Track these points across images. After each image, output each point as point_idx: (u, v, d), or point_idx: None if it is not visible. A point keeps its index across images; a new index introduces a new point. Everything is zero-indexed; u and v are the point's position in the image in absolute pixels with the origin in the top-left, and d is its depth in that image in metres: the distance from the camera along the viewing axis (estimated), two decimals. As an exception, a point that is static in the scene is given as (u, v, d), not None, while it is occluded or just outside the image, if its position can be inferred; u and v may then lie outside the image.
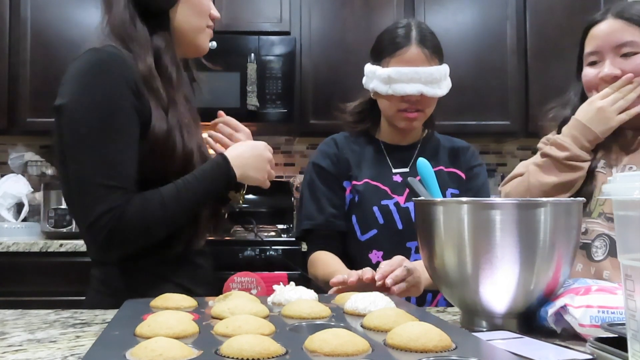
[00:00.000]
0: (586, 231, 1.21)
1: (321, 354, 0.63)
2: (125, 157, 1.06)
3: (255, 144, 1.23)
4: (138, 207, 1.07)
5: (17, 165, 3.18)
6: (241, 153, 1.19)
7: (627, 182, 0.56)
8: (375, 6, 3.17)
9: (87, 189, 1.05)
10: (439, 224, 0.90)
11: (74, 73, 1.08)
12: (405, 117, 1.42)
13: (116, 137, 1.06)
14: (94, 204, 1.04)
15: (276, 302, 0.93)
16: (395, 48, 1.39)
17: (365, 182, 1.47)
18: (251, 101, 2.99)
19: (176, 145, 1.12)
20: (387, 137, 1.53)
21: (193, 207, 1.13)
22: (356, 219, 1.46)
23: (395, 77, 1.36)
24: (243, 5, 3.12)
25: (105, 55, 1.08)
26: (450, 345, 0.67)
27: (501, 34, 3.19)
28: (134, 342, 0.66)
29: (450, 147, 1.55)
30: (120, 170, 1.06)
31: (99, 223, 1.04)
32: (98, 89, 1.06)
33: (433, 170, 1.14)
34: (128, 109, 1.07)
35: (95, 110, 1.05)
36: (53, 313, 1.05)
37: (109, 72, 1.06)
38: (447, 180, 1.48)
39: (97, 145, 1.05)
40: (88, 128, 1.05)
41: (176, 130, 1.12)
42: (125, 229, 1.05)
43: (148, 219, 1.08)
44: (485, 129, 3.20)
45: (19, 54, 3.02)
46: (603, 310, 0.80)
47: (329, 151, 1.53)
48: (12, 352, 0.77)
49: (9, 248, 2.66)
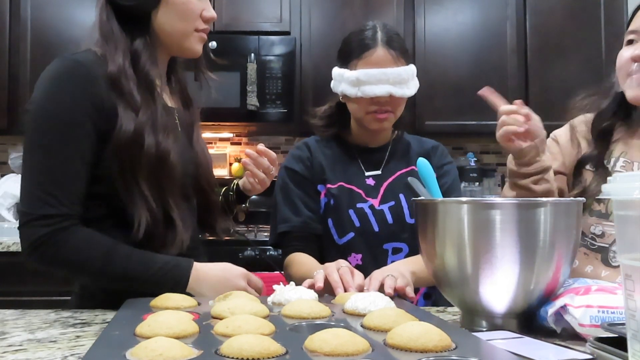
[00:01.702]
0: (603, 234, 1.17)
1: (321, 354, 0.63)
2: (70, 169, 1.05)
3: (229, 269, 1.14)
4: (79, 241, 1.05)
5: (17, 165, 3.18)
6: (208, 270, 1.12)
7: (627, 182, 0.56)
8: (375, 6, 3.17)
9: (29, 190, 1.05)
10: (439, 224, 0.91)
11: (41, 80, 1.10)
12: (375, 118, 1.41)
13: (66, 147, 1.05)
14: (31, 206, 1.04)
15: (276, 302, 0.93)
16: (362, 50, 1.38)
17: (339, 186, 1.47)
18: (251, 101, 2.99)
19: (144, 144, 1.08)
20: (358, 139, 1.53)
21: (127, 279, 1.06)
22: (332, 223, 1.45)
23: (364, 79, 1.35)
24: (243, 5, 3.11)
25: (70, 64, 1.09)
26: (450, 345, 0.67)
27: (501, 34, 3.19)
28: (134, 342, 0.66)
29: (421, 148, 1.54)
30: (62, 181, 1.05)
31: (31, 227, 1.04)
32: (57, 100, 1.06)
33: (433, 170, 1.14)
34: (82, 121, 1.06)
35: (49, 119, 1.06)
36: (53, 313, 1.05)
37: (71, 83, 1.07)
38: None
39: (44, 151, 1.05)
40: (41, 134, 1.06)
41: (147, 129, 1.09)
42: (54, 248, 1.04)
43: (81, 257, 1.05)
44: (485, 129, 3.19)
45: (19, 54, 3.02)
46: (603, 310, 0.80)
47: (302, 155, 1.52)
48: (12, 352, 0.77)
49: (9, 248, 2.66)
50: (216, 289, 1.07)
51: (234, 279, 1.12)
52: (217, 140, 3.47)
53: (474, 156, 3.36)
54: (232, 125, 3.22)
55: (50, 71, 1.10)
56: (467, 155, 3.36)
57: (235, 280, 1.12)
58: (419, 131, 3.17)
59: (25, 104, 1.11)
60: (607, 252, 1.17)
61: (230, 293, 0.93)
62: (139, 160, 1.08)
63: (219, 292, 0.99)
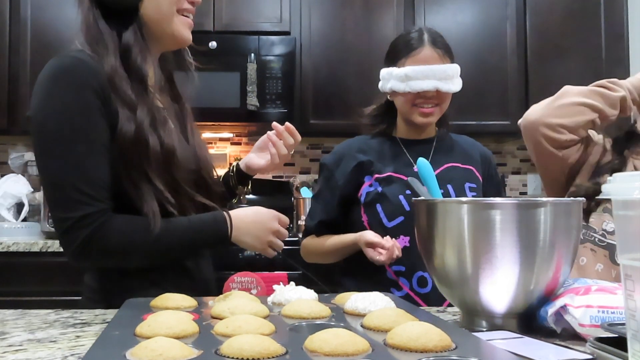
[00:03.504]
0: (614, 231, 1.18)
1: (321, 354, 0.63)
2: (94, 164, 1.05)
3: (261, 212, 1.20)
4: (121, 227, 1.06)
5: (17, 165, 3.18)
6: (244, 217, 1.17)
7: (627, 182, 0.56)
8: (375, 6, 3.17)
9: (60, 196, 1.04)
10: (439, 224, 0.91)
11: (39, 82, 1.08)
12: (421, 112, 1.52)
13: (83, 144, 1.04)
14: (67, 210, 1.03)
15: (276, 302, 0.93)
16: (410, 49, 1.51)
17: (388, 175, 1.56)
18: (251, 101, 2.98)
19: (149, 142, 1.08)
20: (404, 134, 1.62)
21: (176, 249, 1.11)
22: (381, 208, 1.53)
23: (412, 75, 1.47)
24: (243, 5, 3.11)
25: (68, 61, 1.07)
26: (450, 345, 0.67)
27: (501, 34, 3.19)
28: (134, 342, 0.66)
29: (472, 147, 1.69)
30: (91, 176, 1.04)
31: (73, 231, 1.03)
32: (62, 96, 1.05)
33: (433, 170, 1.15)
34: (92, 115, 1.05)
35: (58, 119, 1.04)
36: (53, 313, 1.05)
37: (73, 78, 1.05)
38: (463, 176, 1.58)
39: (64, 152, 1.04)
40: (56, 136, 1.04)
41: (147, 127, 1.09)
42: (101, 244, 1.04)
43: (128, 241, 1.07)
44: (485, 128, 3.20)
45: (19, 54, 3.02)
46: (603, 310, 0.80)
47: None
48: (12, 352, 0.77)
49: (9, 248, 2.66)
50: (255, 234, 1.17)
51: (269, 222, 1.19)
52: (217, 140, 3.47)
53: (474, 156, 3.36)
54: (232, 126, 3.22)
55: (48, 71, 1.08)
56: (467, 155, 3.36)
57: (269, 223, 1.19)
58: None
59: (25, 104, 1.10)
60: (614, 249, 1.17)
61: (230, 293, 0.93)
62: (147, 157, 1.08)
63: (256, 237, 1.16)
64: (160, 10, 1.15)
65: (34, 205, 3.01)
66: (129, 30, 1.13)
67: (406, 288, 1.47)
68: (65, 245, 1.06)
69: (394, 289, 1.47)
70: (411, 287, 1.47)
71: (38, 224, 2.97)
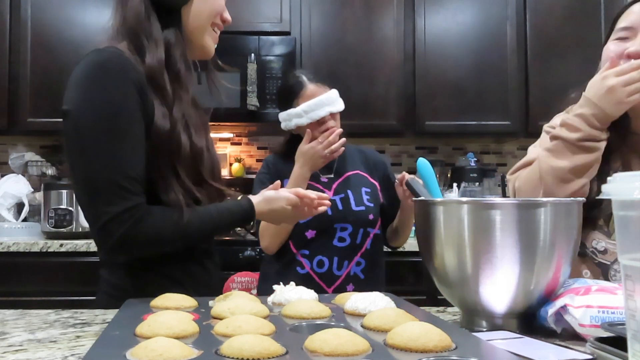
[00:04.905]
0: (605, 251, 1.16)
1: (321, 354, 0.63)
2: (133, 158, 1.05)
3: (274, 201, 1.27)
4: (156, 219, 1.07)
5: (17, 165, 3.18)
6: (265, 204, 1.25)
7: (627, 182, 0.56)
8: (375, 6, 3.17)
9: (98, 190, 1.04)
10: (439, 224, 0.90)
11: (77, 76, 1.07)
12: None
13: (123, 137, 1.04)
14: (105, 205, 1.03)
15: (276, 302, 0.94)
16: (298, 90, 1.86)
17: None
18: (251, 101, 2.99)
19: (181, 142, 1.10)
20: None
21: (205, 236, 1.18)
22: None
23: (307, 109, 1.82)
24: (243, 5, 3.11)
25: (107, 55, 1.07)
26: (450, 345, 0.67)
27: (501, 34, 3.19)
28: (134, 342, 0.66)
29: (365, 156, 1.97)
30: (129, 171, 1.04)
31: (111, 225, 1.03)
32: (102, 90, 1.04)
33: (433, 171, 1.15)
34: (133, 108, 1.06)
35: (100, 112, 1.04)
36: (53, 313, 1.05)
37: (113, 72, 1.05)
38: (362, 181, 1.90)
39: (105, 146, 1.03)
40: (95, 130, 1.03)
41: (181, 126, 1.11)
42: (139, 237, 1.06)
43: (163, 232, 1.08)
44: (485, 129, 3.21)
45: (19, 54, 3.02)
46: (603, 310, 0.80)
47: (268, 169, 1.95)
48: (13, 352, 0.77)
49: (9, 248, 2.66)
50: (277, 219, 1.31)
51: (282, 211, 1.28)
52: (217, 140, 3.47)
53: (474, 156, 3.36)
54: (232, 126, 3.22)
55: (87, 64, 1.07)
56: (467, 155, 3.36)
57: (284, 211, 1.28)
58: (419, 131, 3.18)
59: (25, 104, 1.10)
60: (607, 268, 1.16)
61: (230, 293, 0.93)
62: (178, 154, 1.10)
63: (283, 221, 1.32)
64: (199, 19, 1.19)
65: (34, 205, 3.01)
66: (171, 30, 1.16)
67: (307, 267, 1.82)
68: (103, 239, 1.06)
69: (298, 267, 1.81)
70: (311, 267, 1.81)
71: (38, 224, 2.97)
